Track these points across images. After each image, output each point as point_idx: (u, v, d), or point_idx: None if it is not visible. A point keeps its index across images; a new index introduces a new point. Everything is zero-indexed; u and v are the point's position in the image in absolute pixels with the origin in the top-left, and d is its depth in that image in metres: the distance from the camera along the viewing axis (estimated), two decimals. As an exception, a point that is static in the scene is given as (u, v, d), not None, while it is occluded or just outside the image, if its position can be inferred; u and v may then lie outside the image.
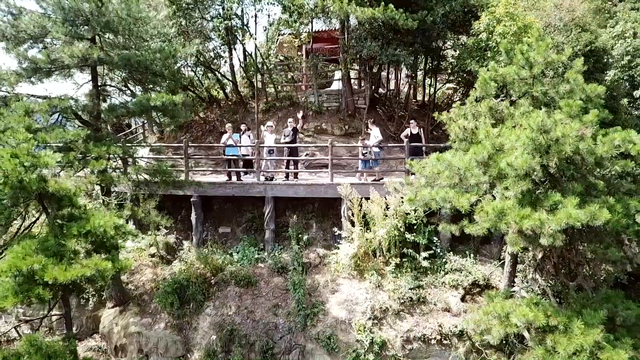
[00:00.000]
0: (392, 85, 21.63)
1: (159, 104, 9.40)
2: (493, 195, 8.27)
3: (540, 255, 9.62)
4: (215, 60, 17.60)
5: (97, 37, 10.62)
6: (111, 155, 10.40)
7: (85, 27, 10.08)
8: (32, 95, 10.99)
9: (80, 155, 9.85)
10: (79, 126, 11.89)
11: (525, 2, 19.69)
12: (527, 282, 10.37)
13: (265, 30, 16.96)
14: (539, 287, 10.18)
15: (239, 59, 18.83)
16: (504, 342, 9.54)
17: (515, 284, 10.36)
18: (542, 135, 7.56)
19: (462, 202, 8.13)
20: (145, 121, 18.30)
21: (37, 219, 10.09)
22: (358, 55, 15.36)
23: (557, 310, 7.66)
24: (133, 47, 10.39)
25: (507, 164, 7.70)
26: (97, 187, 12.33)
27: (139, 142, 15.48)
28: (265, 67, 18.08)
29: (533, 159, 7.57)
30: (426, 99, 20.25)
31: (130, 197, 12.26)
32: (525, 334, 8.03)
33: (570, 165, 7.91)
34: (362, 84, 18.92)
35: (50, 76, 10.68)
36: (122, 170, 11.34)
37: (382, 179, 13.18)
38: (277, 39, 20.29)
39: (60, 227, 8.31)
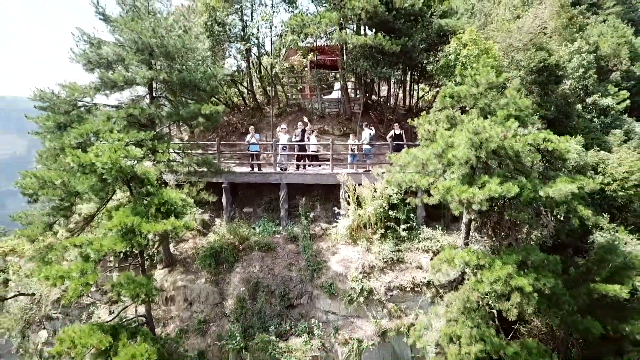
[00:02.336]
0: (383, 92, 24.85)
1: (208, 113, 12.66)
2: (444, 178, 11.52)
3: (478, 220, 12.87)
4: (236, 73, 20.77)
5: (155, 62, 13.86)
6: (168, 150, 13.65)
7: (150, 55, 13.32)
8: (107, 105, 14.25)
9: (148, 150, 13.10)
10: (139, 128, 15.14)
11: (495, 24, 22.96)
12: (474, 243, 13.63)
13: (278, 53, 20.11)
14: (481, 245, 13.43)
15: (256, 72, 22.03)
16: (454, 283, 12.81)
17: (468, 246, 13.62)
18: (476, 136, 10.82)
19: (422, 183, 11.42)
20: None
21: (111, 196, 13.39)
22: (354, 71, 18.57)
23: (486, 255, 10.93)
24: (184, 69, 13.62)
25: (453, 156, 11.00)
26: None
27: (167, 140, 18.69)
28: (277, 78, 21.33)
29: (470, 152, 10.86)
30: (412, 103, 23.46)
31: (176, 181, 15.49)
32: (467, 270, 11.31)
33: (496, 156, 11.15)
34: (358, 93, 22.12)
35: (122, 90, 13.92)
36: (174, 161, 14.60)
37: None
38: (287, 54, 23.45)
39: (142, 199, 11.61)
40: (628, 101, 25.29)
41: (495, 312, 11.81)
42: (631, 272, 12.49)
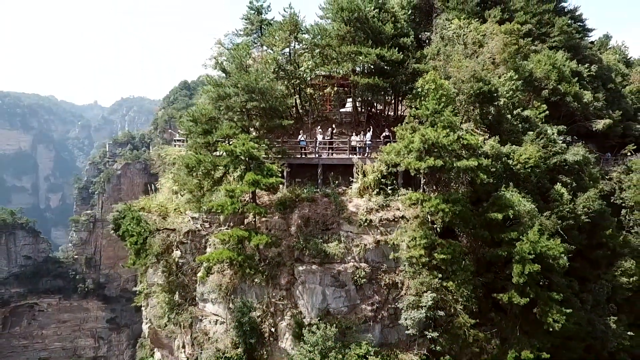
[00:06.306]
0: (380, 106, 34.60)
1: (285, 124, 22.59)
2: (408, 157, 21.40)
3: (427, 180, 22.74)
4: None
5: (253, 96, 23.64)
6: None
7: (252, 92, 23.16)
8: (228, 120, 24.07)
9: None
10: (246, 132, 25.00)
11: (452, 62, 32.54)
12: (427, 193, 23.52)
13: (312, 88, 29.99)
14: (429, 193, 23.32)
15: (299, 94, 31.79)
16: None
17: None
18: (423, 137, 20.69)
19: (397, 160, 21.34)
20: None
21: (236, 168, 23.30)
22: (360, 97, 28.37)
23: (428, 195, 20.88)
24: (269, 99, 23.45)
25: (412, 147, 20.92)
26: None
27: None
28: (313, 99, 31.21)
29: (420, 145, 20.76)
30: (398, 114, 33.22)
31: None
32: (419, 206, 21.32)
33: (434, 147, 21.00)
34: (362, 109, 31.93)
35: (235, 114, 23.77)
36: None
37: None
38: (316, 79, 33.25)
39: (257, 168, 21.54)
40: (547, 112, 35.08)
41: (437, 227, 21.78)
42: (507, 209, 22.34)
